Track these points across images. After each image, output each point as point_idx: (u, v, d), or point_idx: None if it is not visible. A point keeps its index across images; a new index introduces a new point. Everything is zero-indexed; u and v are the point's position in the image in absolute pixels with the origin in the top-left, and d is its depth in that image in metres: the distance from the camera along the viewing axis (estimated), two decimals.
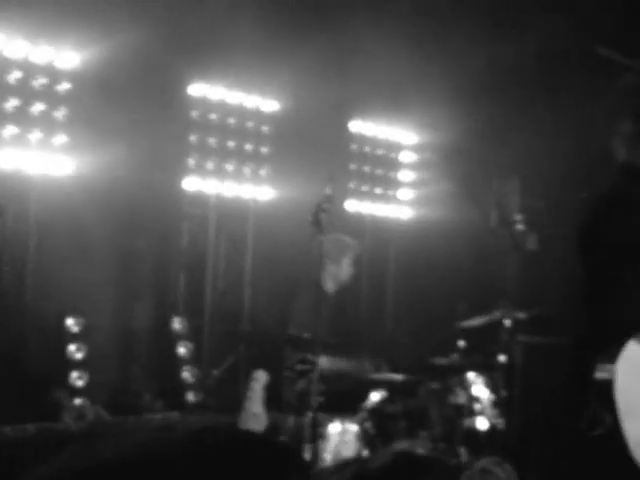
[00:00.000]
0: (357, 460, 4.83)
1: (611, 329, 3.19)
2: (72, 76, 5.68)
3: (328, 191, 4.55)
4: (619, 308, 3.17)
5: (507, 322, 5.70)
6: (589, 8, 6.64)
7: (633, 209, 3.30)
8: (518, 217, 6.87)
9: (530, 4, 6.56)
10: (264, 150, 6.78)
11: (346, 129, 7.24)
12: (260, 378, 4.92)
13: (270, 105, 6.76)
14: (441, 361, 5.71)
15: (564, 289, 5.38)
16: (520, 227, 6.88)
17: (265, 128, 6.78)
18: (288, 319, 5.67)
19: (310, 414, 4.40)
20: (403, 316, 6.94)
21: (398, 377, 5.57)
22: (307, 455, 4.42)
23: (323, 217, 4.46)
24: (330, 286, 5.96)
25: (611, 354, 3.18)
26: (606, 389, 3.14)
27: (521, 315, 5.79)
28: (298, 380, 4.69)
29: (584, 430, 3.17)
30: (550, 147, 6.70)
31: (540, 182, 6.95)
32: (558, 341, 4.97)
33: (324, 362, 5.34)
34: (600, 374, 3.18)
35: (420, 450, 4.96)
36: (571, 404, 3.40)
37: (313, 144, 6.67)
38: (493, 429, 5.41)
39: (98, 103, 5.75)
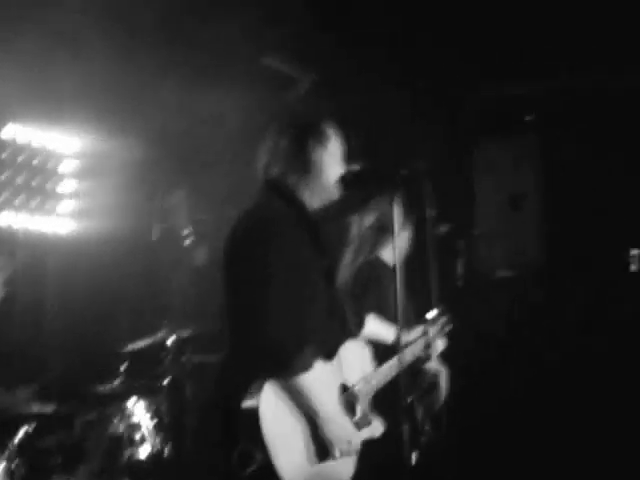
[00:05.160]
0: None
1: (257, 352, 2.99)
2: None
3: None
4: (267, 328, 2.95)
5: (171, 342, 5.43)
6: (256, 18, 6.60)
7: (274, 226, 3.18)
8: (186, 231, 6.64)
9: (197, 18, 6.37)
10: None
11: None
12: None
13: None
14: (100, 388, 5.35)
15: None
16: (188, 241, 6.67)
17: None
18: None
19: None
20: (61, 340, 6.41)
21: (50, 408, 5.12)
22: None
23: None
24: None
25: (259, 381, 2.97)
26: (253, 420, 2.92)
27: (185, 334, 5.56)
28: None
29: (234, 467, 2.95)
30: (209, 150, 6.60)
31: (208, 195, 6.79)
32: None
33: None
34: (247, 403, 2.97)
35: None
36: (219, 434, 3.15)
37: None
38: (158, 456, 5.15)
39: None
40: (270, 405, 2.95)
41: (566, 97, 8.42)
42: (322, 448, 3.10)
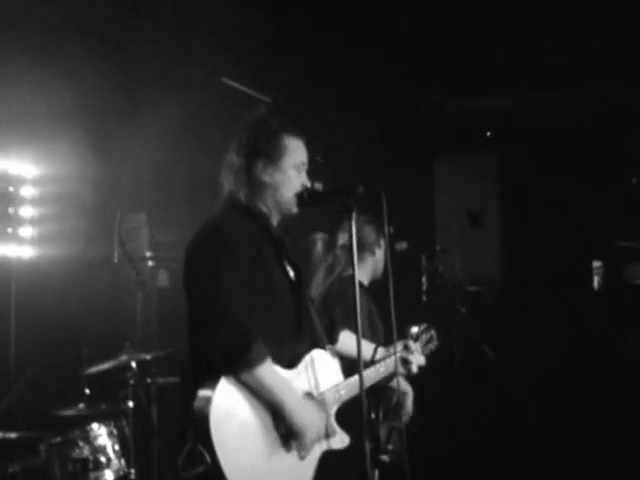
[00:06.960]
0: None
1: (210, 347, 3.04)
2: None
3: None
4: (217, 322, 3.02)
5: (134, 365, 5.40)
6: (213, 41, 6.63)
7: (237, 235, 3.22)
8: (147, 253, 6.62)
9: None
10: None
11: None
12: None
13: None
14: (65, 412, 5.30)
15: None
16: (150, 263, 6.64)
17: None
18: None
19: None
20: (27, 365, 6.33)
21: (13, 434, 5.07)
22: None
23: None
24: None
25: (212, 378, 3.03)
26: (203, 420, 2.95)
27: (148, 356, 5.53)
28: None
29: (181, 469, 2.97)
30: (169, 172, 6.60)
31: (170, 216, 6.78)
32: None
33: None
34: (197, 402, 3.00)
35: None
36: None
37: None
38: (124, 479, 5.11)
39: None
40: (224, 401, 2.99)
41: (526, 113, 8.53)
42: (285, 438, 3.12)
